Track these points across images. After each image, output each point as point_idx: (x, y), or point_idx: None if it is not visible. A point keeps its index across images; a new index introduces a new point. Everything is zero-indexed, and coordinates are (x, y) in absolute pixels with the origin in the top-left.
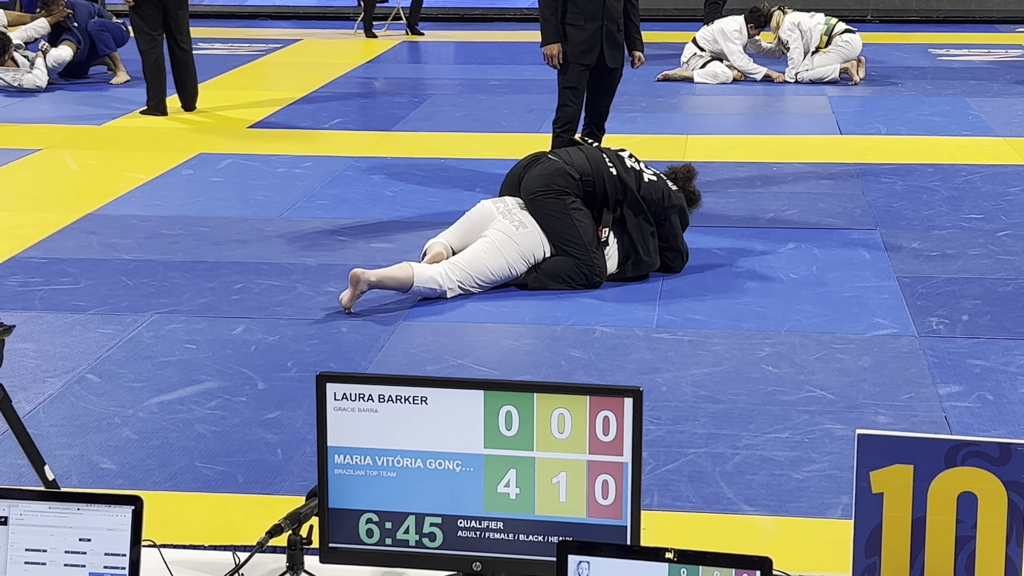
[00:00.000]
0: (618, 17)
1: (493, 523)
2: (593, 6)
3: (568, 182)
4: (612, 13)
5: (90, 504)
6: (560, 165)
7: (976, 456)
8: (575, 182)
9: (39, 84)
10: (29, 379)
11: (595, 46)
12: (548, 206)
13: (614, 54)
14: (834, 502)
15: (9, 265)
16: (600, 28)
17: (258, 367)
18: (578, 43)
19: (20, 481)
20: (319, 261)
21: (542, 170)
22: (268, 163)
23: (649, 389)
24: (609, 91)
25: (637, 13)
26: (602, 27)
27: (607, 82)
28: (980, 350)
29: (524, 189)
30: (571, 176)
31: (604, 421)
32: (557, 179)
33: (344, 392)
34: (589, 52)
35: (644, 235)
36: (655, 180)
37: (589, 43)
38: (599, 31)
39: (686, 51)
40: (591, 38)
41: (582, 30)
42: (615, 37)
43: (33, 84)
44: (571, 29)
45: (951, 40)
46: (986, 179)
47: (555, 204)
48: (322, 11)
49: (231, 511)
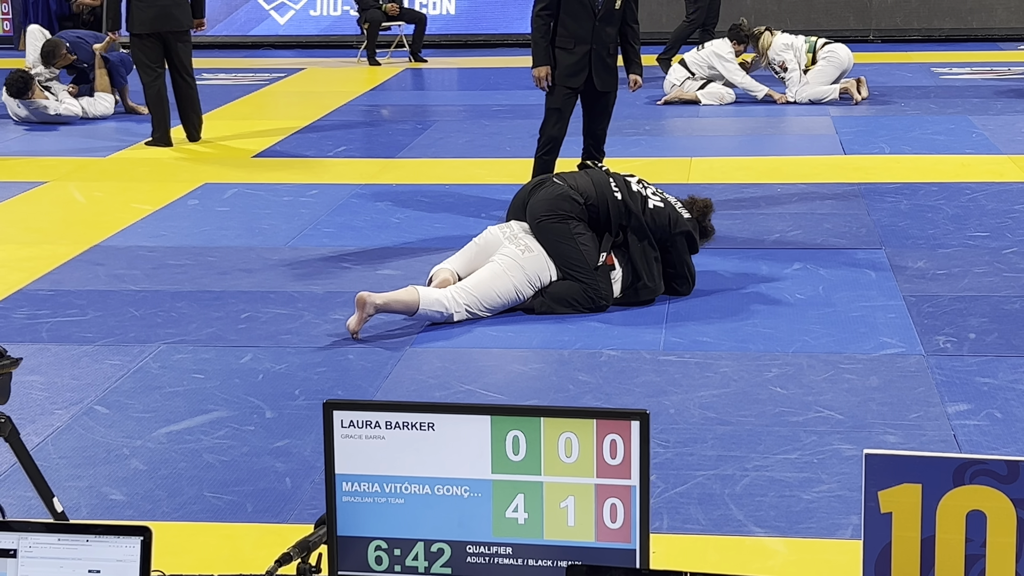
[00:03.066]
0: (610, 42)
1: (502, 548)
2: (583, 30)
3: (573, 206)
4: (603, 37)
5: (99, 535)
6: (564, 189)
7: (984, 474)
8: (580, 206)
9: (76, 113)
10: (37, 411)
11: (583, 70)
12: (553, 231)
13: (604, 78)
14: (844, 523)
15: (16, 298)
16: (589, 52)
17: (266, 396)
18: (566, 66)
19: (29, 514)
20: (325, 289)
21: (547, 194)
22: (273, 192)
23: (657, 412)
24: (603, 114)
25: (636, 37)
26: (591, 51)
27: (600, 105)
28: (988, 368)
29: (530, 214)
30: (575, 200)
31: (611, 444)
32: (562, 203)
33: (351, 420)
34: (577, 75)
35: (648, 260)
36: (661, 206)
37: (577, 67)
38: (587, 55)
39: (675, 74)
40: (579, 62)
41: (571, 53)
42: (605, 61)
43: (71, 113)
44: (560, 52)
45: (953, 59)
46: (991, 197)
47: (560, 228)
48: (325, 40)
49: (240, 540)
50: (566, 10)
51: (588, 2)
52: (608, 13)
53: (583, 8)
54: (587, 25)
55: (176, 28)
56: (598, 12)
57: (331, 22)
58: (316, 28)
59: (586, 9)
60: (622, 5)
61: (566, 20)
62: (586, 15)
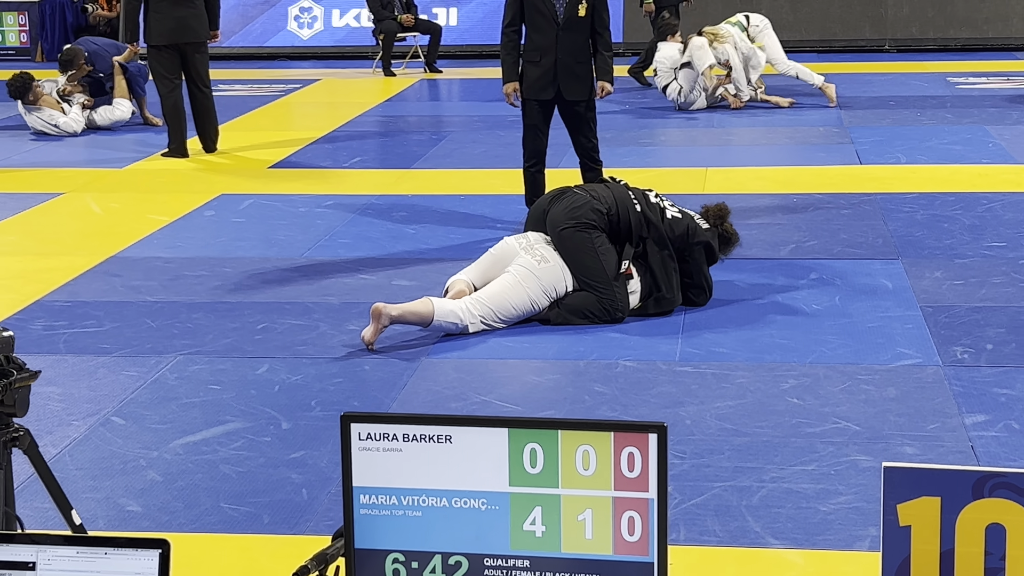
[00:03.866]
0: (577, 50)
1: (519, 561)
2: (546, 41)
3: (595, 216)
4: (569, 46)
5: (117, 548)
6: (587, 199)
7: (1004, 487)
8: (602, 216)
9: (75, 129)
10: (55, 423)
11: (551, 81)
12: (574, 239)
13: (573, 87)
14: (862, 534)
15: (33, 309)
16: (554, 63)
17: (282, 407)
18: (534, 80)
19: (47, 526)
20: (341, 300)
21: (569, 204)
22: (289, 203)
23: (673, 423)
24: (582, 124)
25: (606, 45)
26: (556, 61)
27: (575, 115)
28: (1006, 379)
29: (550, 223)
30: (598, 211)
31: (629, 457)
32: (585, 213)
33: (368, 432)
34: (546, 88)
35: (667, 271)
36: (679, 217)
37: (545, 79)
38: (553, 66)
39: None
40: (546, 73)
41: (538, 66)
42: (574, 70)
43: (70, 129)
44: (528, 66)
45: (970, 68)
46: (1007, 207)
47: (581, 238)
48: (341, 51)
49: (257, 552)
50: (530, 23)
51: (549, 12)
52: (571, 21)
53: (544, 19)
54: (550, 35)
55: (193, 39)
56: (560, 21)
57: (346, 33)
58: (331, 39)
59: (547, 20)
60: (588, 13)
61: (531, 33)
62: (548, 26)
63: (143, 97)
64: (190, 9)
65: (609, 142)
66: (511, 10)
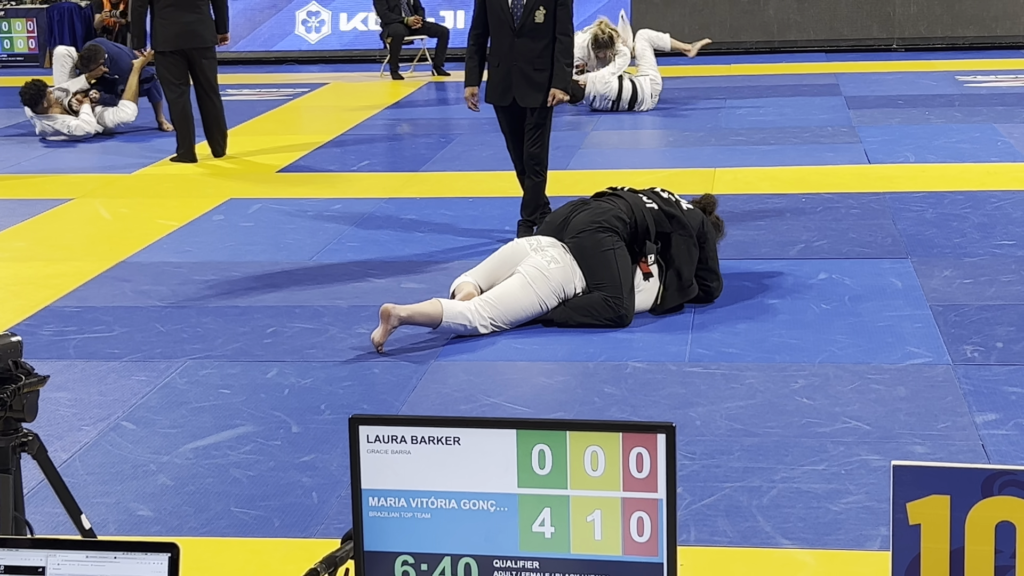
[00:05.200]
0: (534, 57)
1: (529, 563)
2: (503, 47)
3: (618, 224)
4: (524, 53)
5: (127, 552)
6: (611, 207)
7: (1013, 485)
8: (625, 225)
9: (88, 131)
10: (65, 428)
11: (508, 88)
12: (593, 238)
13: (527, 94)
14: (873, 534)
15: (43, 314)
16: (510, 69)
17: (292, 410)
18: (493, 85)
19: (57, 530)
20: (350, 303)
21: (595, 211)
22: (298, 207)
23: (683, 424)
24: (532, 132)
25: (564, 50)
26: (511, 68)
27: (527, 123)
28: (1016, 377)
29: (572, 228)
30: (622, 219)
31: (638, 458)
32: (609, 218)
33: (377, 434)
34: (504, 94)
35: (692, 260)
36: (692, 208)
37: (502, 85)
38: (509, 73)
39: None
40: (503, 80)
41: (496, 71)
42: (530, 77)
43: (82, 131)
44: (490, 71)
45: (978, 67)
46: (1017, 205)
47: (600, 238)
48: (348, 55)
49: (267, 556)
50: (491, 28)
51: (506, 18)
52: (528, 28)
53: (503, 25)
54: (507, 41)
55: (200, 45)
56: (516, 27)
57: (354, 37)
58: (339, 43)
59: (505, 26)
60: (546, 18)
61: (492, 39)
62: (505, 32)
63: (159, 102)
64: (196, 14)
65: (616, 144)
66: (477, 16)
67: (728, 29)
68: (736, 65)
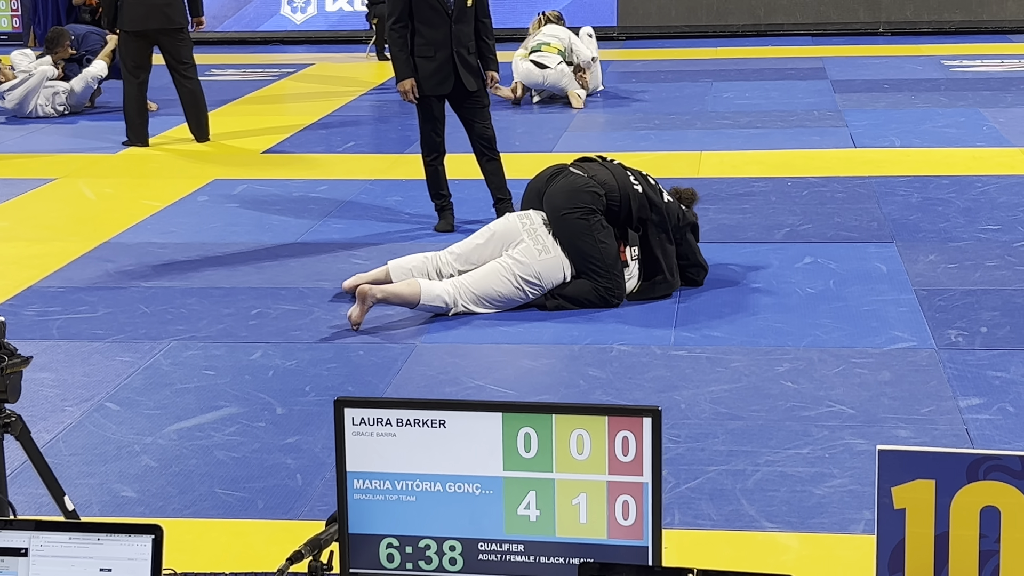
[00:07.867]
0: (468, 41)
1: (514, 546)
2: (440, 35)
3: (593, 199)
4: (461, 38)
5: (110, 534)
6: (585, 180)
7: (998, 470)
8: (600, 198)
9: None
10: (48, 409)
11: (449, 75)
12: (573, 225)
13: (470, 78)
14: (856, 517)
15: (27, 295)
16: (451, 55)
17: (276, 392)
18: (430, 74)
19: (40, 512)
20: (336, 285)
21: (567, 185)
22: (283, 188)
23: (668, 407)
24: (481, 113)
25: (489, 33)
26: (452, 54)
27: (474, 105)
28: (1000, 362)
29: (548, 205)
30: (596, 192)
31: (623, 441)
32: (583, 196)
33: (362, 417)
34: (444, 82)
35: (668, 254)
36: (671, 201)
37: (442, 73)
38: (450, 59)
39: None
40: (443, 67)
41: (432, 60)
42: (468, 60)
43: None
44: (421, 61)
45: (964, 51)
46: (1002, 190)
47: (581, 225)
48: (334, 35)
49: (251, 537)
50: (419, 18)
51: (440, 6)
52: (461, 12)
53: (436, 13)
54: (443, 29)
55: (167, 25)
56: (451, 14)
57: (340, 17)
58: (325, 24)
59: (439, 13)
60: (474, 2)
61: (421, 28)
62: (440, 19)
63: None
64: None
65: (603, 126)
66: (397, 6)
67: (715, 12)
68: (723, 48)
